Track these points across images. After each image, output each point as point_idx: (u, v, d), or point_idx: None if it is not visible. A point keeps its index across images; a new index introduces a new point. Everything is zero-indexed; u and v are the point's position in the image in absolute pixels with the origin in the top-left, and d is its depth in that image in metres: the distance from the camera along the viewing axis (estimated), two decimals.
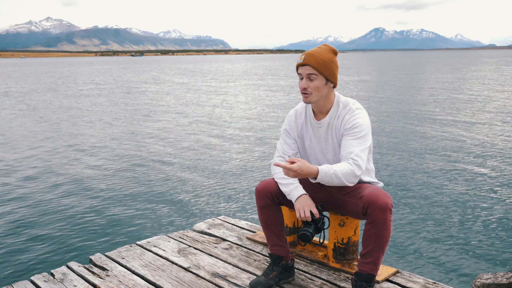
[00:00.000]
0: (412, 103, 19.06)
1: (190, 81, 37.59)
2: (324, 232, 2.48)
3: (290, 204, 2.52)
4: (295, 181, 2.46)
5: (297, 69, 2.47)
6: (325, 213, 2.51)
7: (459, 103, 18.73)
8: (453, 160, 9.08)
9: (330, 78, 2.41)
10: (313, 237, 2.35)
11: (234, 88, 29.68)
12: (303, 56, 2.41)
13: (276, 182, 2.53)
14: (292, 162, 2.17)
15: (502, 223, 5.77)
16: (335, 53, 2.44)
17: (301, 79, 2.43)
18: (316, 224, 2.37)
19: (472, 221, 5.86)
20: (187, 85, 33.27)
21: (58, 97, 24.52)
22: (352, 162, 2.29)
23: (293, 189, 2.43)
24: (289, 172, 2.18)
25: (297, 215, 2.37)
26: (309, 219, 2.34)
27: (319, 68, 2.37)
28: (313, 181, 2.28)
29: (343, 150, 2.37)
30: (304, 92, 2.42)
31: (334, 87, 2.46)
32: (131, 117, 16.52)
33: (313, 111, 2.56)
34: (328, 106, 2.49)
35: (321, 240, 2.94)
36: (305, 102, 2.46)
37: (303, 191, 2.42)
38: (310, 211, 2.35)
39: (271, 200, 2.53)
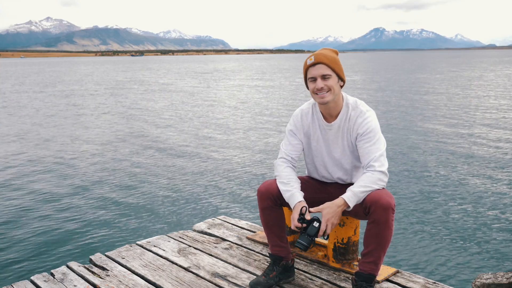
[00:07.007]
0: (417, 102, 19.07)
1: (193, 81, 37.63)
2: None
3: None
4: (293, 188, 2.43)
5: (306, 73, 2.42)
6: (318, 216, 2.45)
7: (468, 101, 18.74)
8: (454, 161, 9.08)
9: (341, 76, 2.40)
10: (310, 245, 2.29)
11: (235, 88, 29.68)
12: (313, 57, 2.37)
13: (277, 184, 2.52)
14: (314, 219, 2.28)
15: (502, 223, 5.77)
16: (336, 53, 2.46)
17: (314, 80, 2.38)
18: (305, 230, 2.30)
19: (472, 221, 5.86)
20: (188, 85, 33.29)
21: (62, 97, 24.56)
22: (374, 171, 2.30)
23: (290, 196, 2.42)
24: (328, 229, 2.26)
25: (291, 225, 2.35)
26: (299, 225, 2.28)
27: (332, 65, 2.35)
28: (349, 209, 2.32)
29: (363, 159, 2.39)
30: (320, 92, 2.37)
31: (342, 86, 2.45)
32: (133, 117, 16.53)
33: (321, 113, 2.52)
34: (338, 109, 2.46)
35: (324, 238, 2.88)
36: (322, 102, 2.39)
37: (300, 198, 2.39)
38: (299, 219, 2.29)
39: (273, 202, 2.53)
